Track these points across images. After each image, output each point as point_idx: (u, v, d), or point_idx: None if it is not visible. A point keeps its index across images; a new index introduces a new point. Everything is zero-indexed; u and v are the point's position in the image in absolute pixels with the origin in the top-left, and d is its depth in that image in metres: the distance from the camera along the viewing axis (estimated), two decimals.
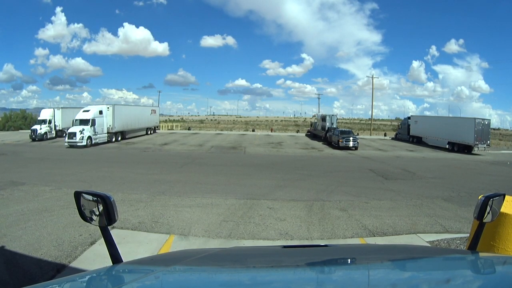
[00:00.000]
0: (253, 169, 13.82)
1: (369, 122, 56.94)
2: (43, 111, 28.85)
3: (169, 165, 14.33)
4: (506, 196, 1.67)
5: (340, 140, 23.74)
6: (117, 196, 7.57)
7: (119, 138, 25.93)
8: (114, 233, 5.08)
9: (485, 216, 1.48)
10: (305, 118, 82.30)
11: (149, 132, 32.82)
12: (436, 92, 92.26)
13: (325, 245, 1.71)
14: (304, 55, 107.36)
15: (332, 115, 32.17)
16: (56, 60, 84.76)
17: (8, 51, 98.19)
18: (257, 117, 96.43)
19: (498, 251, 3.03)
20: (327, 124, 30.55)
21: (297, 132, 45.52)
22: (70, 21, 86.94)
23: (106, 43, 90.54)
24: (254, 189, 9.38)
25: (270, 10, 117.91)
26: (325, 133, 29.38)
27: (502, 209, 2.36)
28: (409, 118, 34.70)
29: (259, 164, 15.52)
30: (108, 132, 24.42)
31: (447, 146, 26.43)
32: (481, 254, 1.42)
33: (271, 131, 47.39)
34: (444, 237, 5.62)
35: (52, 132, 27.75)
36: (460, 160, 19.97)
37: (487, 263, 1.31)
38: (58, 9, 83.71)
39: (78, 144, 21.22)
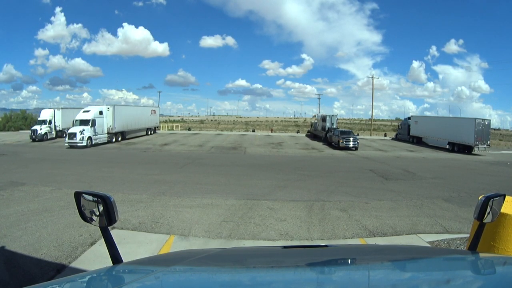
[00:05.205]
0: (253, 169, 13.81)
1: (369, 122, 56.91)
2: (43, 112, 28.87)
3: (169, 165, 14.33)
4: (506, 196, 1.67)
5: (340, 141, 23.74)
6: (117, 197, 7.57)
7: (119, 139, 25.94)
8: (114, 233, 5.08)
9: (485, 216, 1.48)
10: (305, 119, 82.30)
11: (149, 133, 32.83)
12: (436, 92, 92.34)
13: (325, 246, 1.70)
14: (304, 56, 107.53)
15: (332, 115, 32.09)
16: (56, 60, 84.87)
17: (8, 51, 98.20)
18: (257, 117, 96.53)
19: (498, 252, 3.03)
20: (327, 124, 30.51)
21: (297, 133, 45.49)
22: (69, 21, 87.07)
23: (105, 44, 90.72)
24: (254, 189, 9.38)
25: (270, 10, 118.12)
26: (325, 134, 29.38)
27: (502, 210, 2.36)
28: (409, 118, 34.64)
29: (259, 164, 15.51)
30: (108, 133, 24.44)
31: (447, 147, 26.40)
32: (481, 255, 1.42)
33: (271, 132, 47.35)
34: (444, 237, 5.61)
35: (52, 132, 27.77)
36: (460, 160, 19.96)
37: (487, 263, 1.31)
38: (58, 9, 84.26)
39: (78, 144, 21.25)
